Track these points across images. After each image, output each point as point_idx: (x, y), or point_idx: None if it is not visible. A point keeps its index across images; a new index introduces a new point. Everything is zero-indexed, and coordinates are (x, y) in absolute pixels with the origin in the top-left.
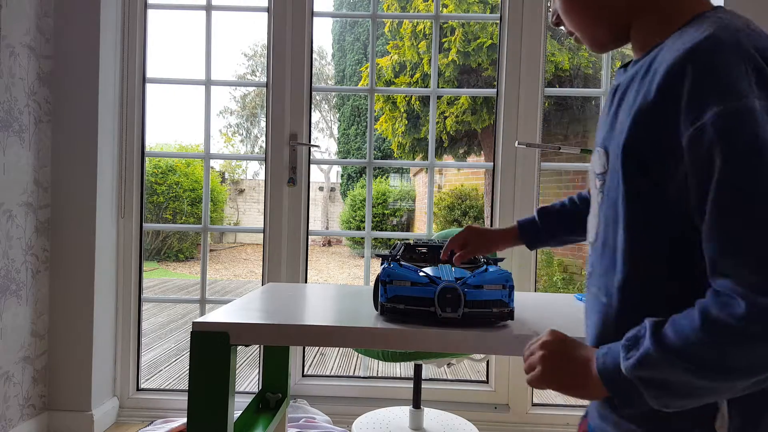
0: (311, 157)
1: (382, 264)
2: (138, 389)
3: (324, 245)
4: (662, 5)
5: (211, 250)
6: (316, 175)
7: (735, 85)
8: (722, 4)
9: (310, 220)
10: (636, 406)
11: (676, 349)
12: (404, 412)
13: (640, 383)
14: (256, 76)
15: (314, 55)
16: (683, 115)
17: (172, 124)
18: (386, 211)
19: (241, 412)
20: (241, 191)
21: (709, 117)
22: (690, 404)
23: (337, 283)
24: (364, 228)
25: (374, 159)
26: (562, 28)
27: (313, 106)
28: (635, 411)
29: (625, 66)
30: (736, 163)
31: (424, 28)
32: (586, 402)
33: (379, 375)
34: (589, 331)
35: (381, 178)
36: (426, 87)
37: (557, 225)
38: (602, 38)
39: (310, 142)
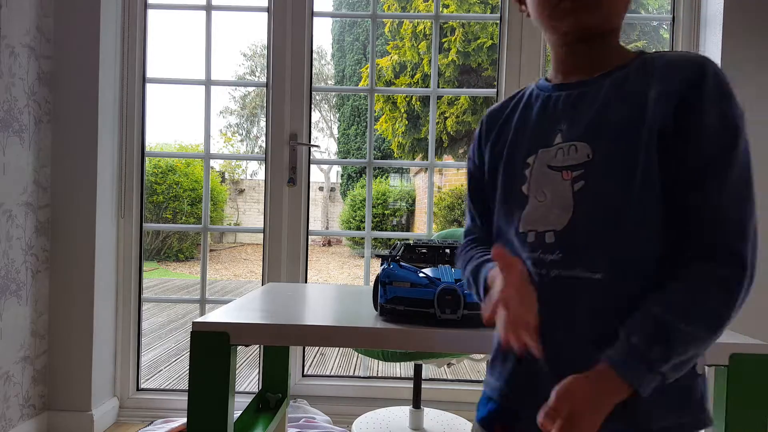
0: (311, 157)
1: (381, 264)
2: (138, 389)
3: (324, 245)
4: (614, 40)
5: (211, 250)
6: (316, 175)
7: (732, 92)
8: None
9: (310, 220)
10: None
11: (705, 333)
12: (404, 412)
13: (671, 373)
14: (255, 76)
15: (314, 55)
16: (708, 105)
17: (172, 124)
18: (386, 211)
19: (241, 412)
20: (241, 191)
21: (734, 112)
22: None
23: (337, 283)
24: (364, 228)
25: (374, 159)
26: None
27: (313, 106)
28: None
29: (562, 84)
30: (745, 155)
31: (424, 28)
32: None
33: (379, 375)
34: (572, 312)
35: (381, 178)
36: (426, 87)
37: None
38: (596, 26)
39: (310, 142)
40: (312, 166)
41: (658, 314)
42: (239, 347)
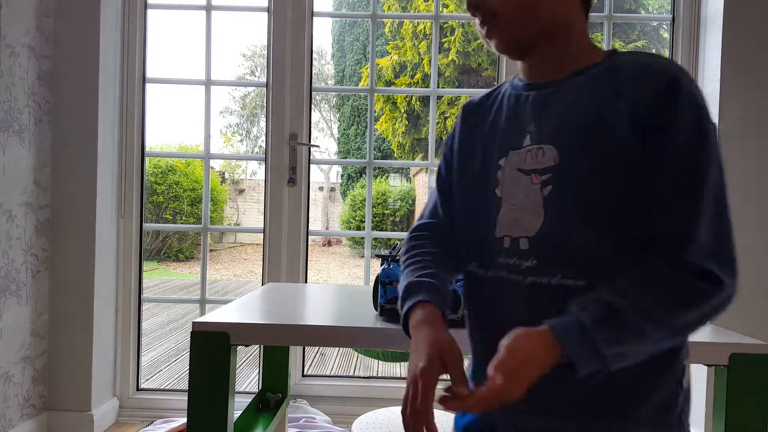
0: (311, 157)
1: (381, 264)
2: (138, 389)
3: (324, 245)
4: (573, 39)
5: (211, 250)
6: (316, 175)
7: (706, 106)
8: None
9: (310, 220)
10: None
11: (662, 336)
12: None
13: (615, 358)
14: (255, 76)
15: (314, 55)
16: (680, 126)
17: (172, 124)
18: (386, 211)
19: (241, 412)
20: (241, 191)
21: (706, 131)
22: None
23: (337, 283)
24: (364, 228)
25: (374, 159)
26: (477, 18)
27: (313, 106)
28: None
29: (532, 84)
30: (718, 167)
31: (425, 28)
32: None
33: (379, 375)
34: (547, 315)
35: (381, 178)
36: (426, 87)
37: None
38: (519, 40)
39: (310, 142)
40: (312, 166)
41: (616, 302)
42: (239, 347)
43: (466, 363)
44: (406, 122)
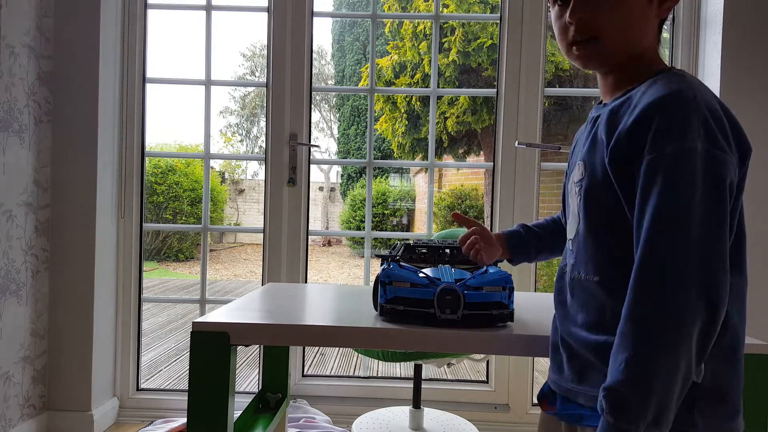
0: (311, 157)
1: (381, 264)
2: (138, 389)
3: (324, 245)
4: (642, 63)
5: (211, 250)
6: (316, 175)
7: (688, 132)
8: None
9: (310, 220)
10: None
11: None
12: (404, 412)
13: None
14: (255, 76)
15: (314, 55)
16: (648, 146)
17: (172, 124)
18: (386, 211)
19: (241, 412)
20: (241, 191)
21: (668, 150)
22: None
23: (337, 283)
24: (364, 228)
25: (374, 159)
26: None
27: (313, 106)
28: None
29: (599, 103)
30: (675, 190)
31: (425, 28)
32: None
33: (379, 375)
34: (579, 308)
35: (381, 178)
36: (426, 87)
37: (540, 240)
38: (611, 62)
39: (310, 142)
40: (312, 166)
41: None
42: (239, 347)
43: None
44: (406, 122)
